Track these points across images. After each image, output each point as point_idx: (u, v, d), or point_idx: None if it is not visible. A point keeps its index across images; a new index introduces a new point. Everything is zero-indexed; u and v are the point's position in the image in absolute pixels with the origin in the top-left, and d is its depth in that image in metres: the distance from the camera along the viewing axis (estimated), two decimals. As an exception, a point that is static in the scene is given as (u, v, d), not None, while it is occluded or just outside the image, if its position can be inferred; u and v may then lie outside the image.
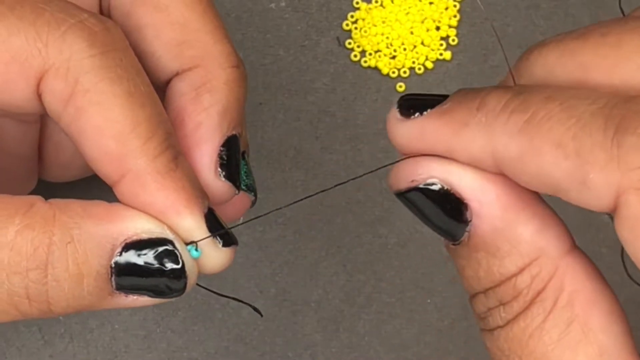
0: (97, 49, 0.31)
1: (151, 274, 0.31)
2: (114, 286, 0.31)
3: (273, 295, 0.49)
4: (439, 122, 0.28)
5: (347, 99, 0.52)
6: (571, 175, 0.26)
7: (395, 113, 0.29)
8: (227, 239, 0.33)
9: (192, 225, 0.32)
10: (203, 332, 0.49)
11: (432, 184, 0.29)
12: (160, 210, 0.31)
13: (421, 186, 0.29)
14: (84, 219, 0.31)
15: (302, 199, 0.34)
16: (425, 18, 0.53)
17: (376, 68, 0.53)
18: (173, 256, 0.31)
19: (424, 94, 0.30)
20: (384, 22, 0.53)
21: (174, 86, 0.36)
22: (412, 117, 0.29)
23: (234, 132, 0.35)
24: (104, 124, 0.31)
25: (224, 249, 0.32)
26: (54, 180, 0.41)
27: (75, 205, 0.31)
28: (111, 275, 0.31)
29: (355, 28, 0.53)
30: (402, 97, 0.30)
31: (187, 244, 0.32)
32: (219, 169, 0.34)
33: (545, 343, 0.28)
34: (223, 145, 0.34)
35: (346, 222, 0.50)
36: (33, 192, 0.40)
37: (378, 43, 0.53)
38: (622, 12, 0.32)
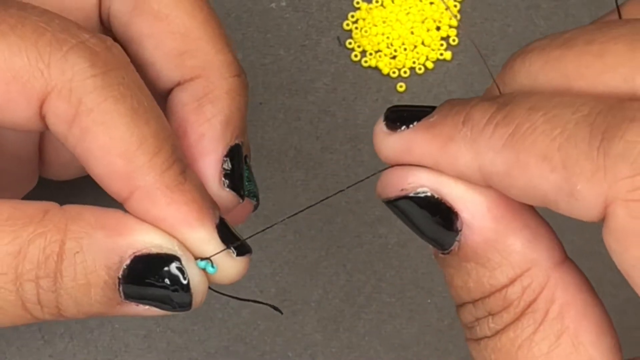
0: (99, 69, 0.31)
1: (157, 288, 0.31)
2: (122, 296, 0.31)
3: (273, 295, 0.49)
4: (425, 136, 0.28)
5: (348, 99, 0.52)
6: (559, 188, 0.26)
7: (382, 126, 0.29)
8: (241, 247, 0.33)
9: (204, 237, 0.32)
10: (203, 332, 0.49)
11: (423, 192, 0.28)
12: (171, 224, 0.31)
13: (411, 195, 0.29)
14: (95, 230, 0.31)
15: (311, 206, 0.34)
16: (426, 18, 0.53)
17: (377, 68, 0.53)
18: (179, 273, 0.31)
19: (411, 106, 0.29)
20: (384, 22, 0.53)
21: (176, 96, 0.36)
22: (399, 130, 0.29)
23: (237, 142, 0.35)
24: (110, 143, 0.31)
25: (239, 258, 0.32)
26: (55, 179, 0.41)
27: (88, 215, 0.31)
28: (119, 286, 0.31)
29: (356, 28, 0.53)
30: (388, 109, 0.30)
31: (202, 259, 0.32)
32: (223, 179, 0.34)
33: (535, 355, 0.28)
34: (226, 155, 0.34)
35: (346, 222, 0.50)
36: (35, 190, 0.40)
37: (378, 43, 0.53)
38: (619, 12, 0.31)
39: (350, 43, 0.53)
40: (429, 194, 0.28)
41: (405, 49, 0.53)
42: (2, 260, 0.30)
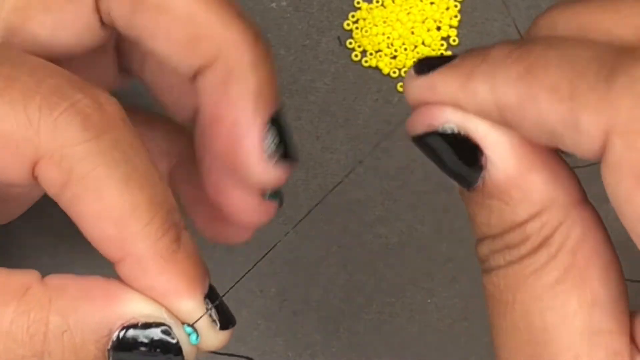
0: (90, 134, 0.30)
1: (148, 356, 0.31)
2: None
3: (273, 295, 0.49)
4: (447, 75, 0.29)
5: (348, 99, 0.52)
6: (565, 119, 0.27)
7: (411, 72, 0.30)
8: (225, 320, 0.33)
9: (192, 308, 0.32)
10: (203, 332, 0.49)
11: (450, 128, 0.29)
12: (161, 293, 0.31)
13: (439, 130, 0.29)
14: (81, 303, 0.30)
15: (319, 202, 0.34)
16: (426, 18, 0.53)
17: (377, 68, 0.53)
18: (169, 339, 0.31)
19: (440, 56, 0.31)
20: (385, 22, 0.53)
21: (200, 84, 0.35)
22: (425, 74, 0.30)
23: (274, 110, 0.34)
24: (102, 210, 0.30)
25: (221, 332, 0.32)
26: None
27: (72, 287, 0.31)
28: (109, 357, 0.30)
29: (356, 28, 0.53)
30: (418, 59, 0.31)
31: (188, 326, 0.32)
32: (271, 154, 0.34)
33: (542, 284, 0.28)
34: (268, 129, 0.34)
35: (346, 222, 0.50)
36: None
37: (379, 43, 0.53)
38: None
39: (350, 43, 0.53)
40: (455, 129, 0.29)
41: (405, 49, 0.53)
42: None
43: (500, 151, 0.29)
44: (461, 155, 0.29)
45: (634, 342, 0.29)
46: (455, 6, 0.54)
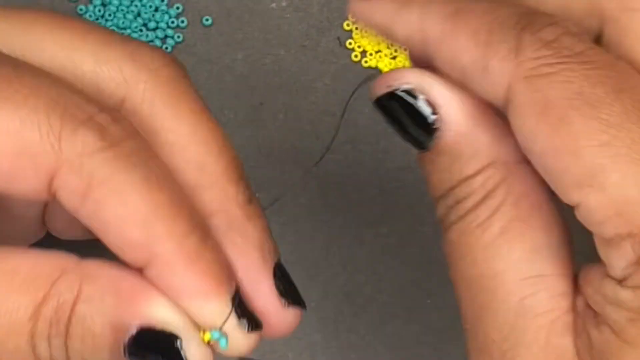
0: (109, 142, 0.31)
1: None
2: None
3: (273, 294, 0.49)
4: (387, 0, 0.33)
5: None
6: (476, 62, 0.30)
7: None
8: (253, 322, 0.33)
9: (219, 309, 0.32)
10: (203, 332, 0.49)
11: (407, 88, 0.32)
12: (188, 294, 0.31)
13: (397, 91, 0.32)
14: (107, 295, 0.31)
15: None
16: (426, 18, 0.53)
17: (377, 68, 0.53)
18: (180, 352, 0.31)
19: None
20: (384, 22, 0.53)
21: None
22: None
23: (276, 260, 0.35)
24: (126, 214, 0.31)
25: (250, 334, 0.33)
26: (61, 237, 0.40)
27: (104, 276, 0.31)
28: (124, 352, 0.31)
29: (356, 28, 0.53)
30: None
31: (216, 330, 0.32)
32: (283, 300, 0.34)
33: (488, 235, 0.31)
34: (274, 276, 0.34)
35: (346, 222, 0.50)
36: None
37: (379, 43, 0.53)
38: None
39: (350, 43, 0.53)
40: (411, 88, 0.32)
41: (405, 49, 0.53)
42: (20, 322, 0.31)
43: (452, 109, 0.32)
44: (417, 117, 0.32)
45: (577, 286, 0.31)
46: (455, 6, 0.54)
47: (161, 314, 0.31)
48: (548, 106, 0.29)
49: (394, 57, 0.53)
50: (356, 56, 0.53)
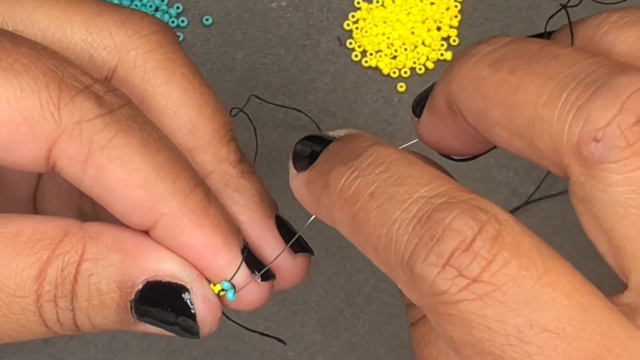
0: (105, 108, 0.31)
1: (167, 314, 0.32)
2: (135, 318, 0.31)
3: (273, 295, 0.49)
4: (306, 191, 0.32)
5: (348, 99, 0.52)
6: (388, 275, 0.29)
7: (290, 165, 0.32)
8: (265, 273, 0.33)
9: (229, 261, 0.32)
10: (203, 332, 0.49)
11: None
12: (197, 249, 0.32)
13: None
14: (111, 252, 0.31)
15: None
16: (427, 18, 0.53)
17: (377, 68, 0.53)
18: (188, 303, 0.32)
19: (314, 139, 0.32)
20: (385, 22, 0.53)
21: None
22: (300, 171, 0.32)
23: (277, 212, 0.35)
24: (128, 176, 0.31)
25: (263, 283, 0.33)
26: None
27: (107, 236, 0.32)
28: (131, 309, 0.31)
29: (356, 28, 0.53)
30: (296, 144, 0.33)
31: (226, 281, 0.32)
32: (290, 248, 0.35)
33: None
34: (278, 226, 0.35)
35: (346, 222, 0.50)
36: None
37: (379, 43, 0.53)
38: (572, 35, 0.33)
39: (350, 43, 0.53)
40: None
41: (405, 49, 0.53)
42: (24, 283, 0.31)
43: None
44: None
45: None
46: (456, 6, 0.54)
47: (167, 267, 0.31)
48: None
49: (394, 57, 0.53)
50: (356, 56, 0.53)
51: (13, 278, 0.31)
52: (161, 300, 0.31)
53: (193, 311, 0.31)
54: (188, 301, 0.31)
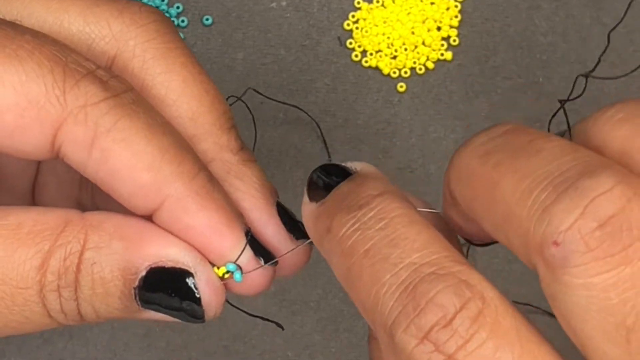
0: (109, 92, 0.31)
1: (172, 300, 0.32)
2: (140, 305, 0.31)
3: (272, 294, 0.49)
4: (313, 226, 0.32)
5: (348, 99, 0.52)
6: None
7: (305, 192, 0.33)
8: (268, 257, 0.33)
9: (234, 244, 0.32)
10: (202, 331, 0.49)
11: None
12: (202, 231, 0.32)
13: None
14: (114, 240, 0.31)
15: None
16: (427, 18, 0.53)
17: (377, 68, 0.53)
18: (193, 288, 0.32)
19: (329, 169, 0.33)
20: (385, 22, 0.53)
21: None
22: (312, 202, 0.32)
23: (277, 199, 0.36)
24: (133, 158, 0.31)
25: (267, 266, 0.33)
26: None
27: (108, 224, 0.32)
28: (136, 296, 0.31)
29: (357, 28, 0.53)
30: (312, 173, 0.33)
31: (231, 263, 0.32)
32: (291, 235, 0.35)
33: None
34: (279, 212, 0.35)
35: (346, 222, 0.50)
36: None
37: (379, 43, 0.53)
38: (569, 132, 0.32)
39: (350, 43, 0.53)
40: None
41: (405, 49, 0.53)
42: (27, 274, 0.31)
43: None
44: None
45: None
46: (456, 6, 0.54)
47: (170, 252, 0.31)
48: None
49: (394, 57, 0.53)
50: (356, 56, 0.53)
51: (16, 270, 0.31)
52: (165, 286, 0.31)
53: (198, 295, 0.31)
54: (192, 285, 0.31)
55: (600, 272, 0.26)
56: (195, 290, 0.31)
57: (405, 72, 0.53)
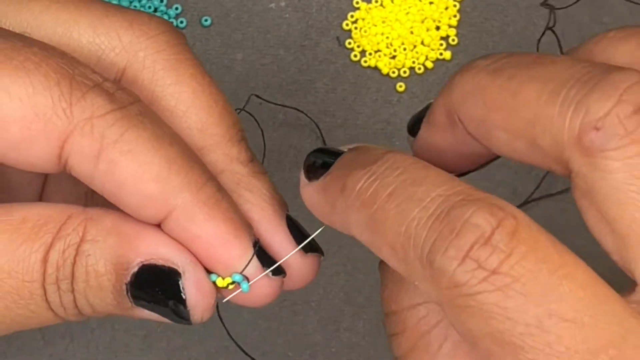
0: (116, 104, 0.31)
1: (161, 299, 0.32)
2: (131, 301, 0.31)
3: (273, 295, 0.49)
4: (320, 197, 0.32)
5: (347, 99, 0.52)
6: (403, 274, 0.30)
7: (302, 175, 0.33)
8: (276, 268, 0.33)
9: (241, 254, 0.32)
10: (203, 332, 0.50)
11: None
12: (209, 241, 0.32)
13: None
14: (110, 235, 0.32)
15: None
16: (425, 18, 0.53)
17: (376, 68, 0.53)
18: (180, 289, 0.32)
19: (326, 151, 0.33)
20: (384, 21, 0.53)
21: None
22: (309, 181, 0.33)
23: (287, 212, 0.36)
24: (140, 169, 0.31)
25: (274, 277, 0.33)
26: None
27: (107, 220, 0.32)
28: (127, 292, 0.31)
29: (355, 28, 0.53)
30: (309, 155, 0.33)
31: (237, 274, 0.32)
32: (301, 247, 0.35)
33: None
34: (288, 225, 0.35)
35: (346, 222, 0.50)
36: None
37: (378, 43, 0.53)
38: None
39: (349, 43, 0.53)
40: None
41: (404, 49, 0.53)
42: (32, 267, 0.31)
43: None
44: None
45: None
46: (455, 6, 0.54)
47: (162, 250, 0.32)
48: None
49: (393, 57, 0.53)
50: (355, 56, 0.53)
51: (21, 263, 0.31)
52: (155, 284, 0.31)
53: (184, 296, 0.32)
54: (180, 285, 0.31)
55: (639, 152, 0.27)
56: (182, 291, 0.32)
57: (404, 72, 0.53)
